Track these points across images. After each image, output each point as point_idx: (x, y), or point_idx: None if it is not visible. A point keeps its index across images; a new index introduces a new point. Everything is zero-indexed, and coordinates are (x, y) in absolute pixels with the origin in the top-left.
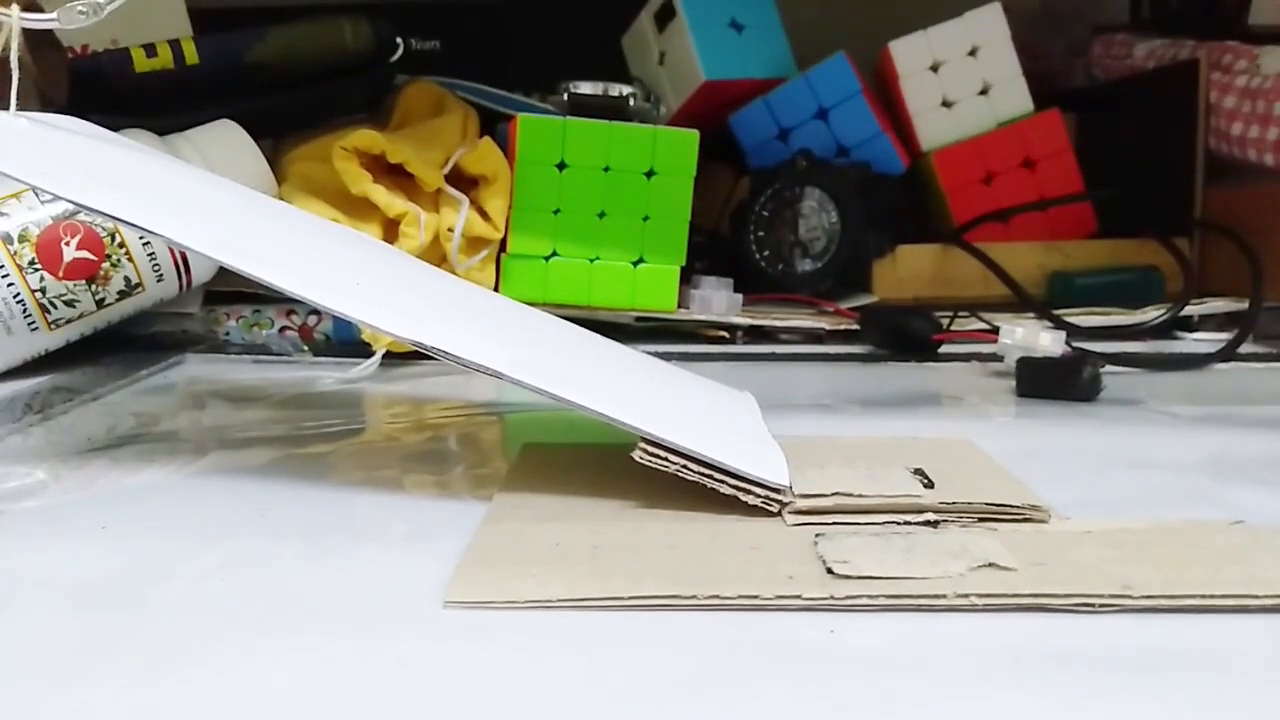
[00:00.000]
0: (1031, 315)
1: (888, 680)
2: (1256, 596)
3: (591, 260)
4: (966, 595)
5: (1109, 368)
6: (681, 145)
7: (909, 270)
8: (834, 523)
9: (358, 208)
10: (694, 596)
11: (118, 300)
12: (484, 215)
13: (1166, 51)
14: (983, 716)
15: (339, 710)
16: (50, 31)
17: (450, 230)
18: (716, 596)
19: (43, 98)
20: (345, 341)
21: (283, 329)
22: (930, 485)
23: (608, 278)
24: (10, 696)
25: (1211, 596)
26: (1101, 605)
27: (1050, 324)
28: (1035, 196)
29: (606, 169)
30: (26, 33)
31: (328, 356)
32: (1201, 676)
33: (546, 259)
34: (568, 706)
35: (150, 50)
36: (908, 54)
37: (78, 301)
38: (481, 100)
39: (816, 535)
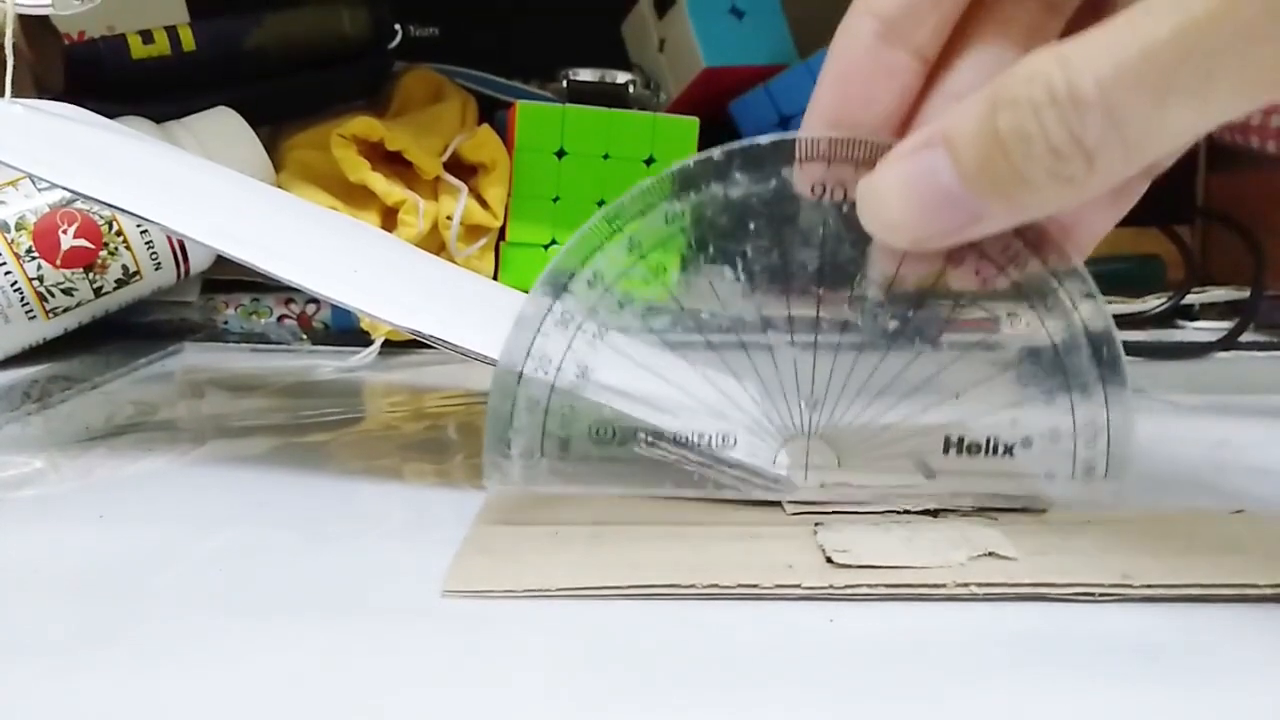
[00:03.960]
0: None
1: (887, 669)
2: (1257, 585)
3: None
4: (966, 585)
5: None
6: (681, 132)
7: None
8: (834, 511)
9: (356, 195)
10: (693, 585)
11: (115, 289)
12: (483, 203)
13: None
14: (983, 706)
15: (337, 698)
16: (46, 18)
17: (449, 218)
18: (715, 585)
19: (39, 84)
20: (344, 330)
21: (281, 317)
22: (931, 475)
23: None
24: (8, 684)
25: (1212, 586)
26: (1101, 595)
27: None
28: None
29: (606, 156)
30: (22, 19)
31: (326, 345)
32: (1202, 665)
33: (546, 247)
34: (566, 695)
35: (147, 37)
36: None
37: (75, 290)
38: (480, 87)
39: (816, 524)
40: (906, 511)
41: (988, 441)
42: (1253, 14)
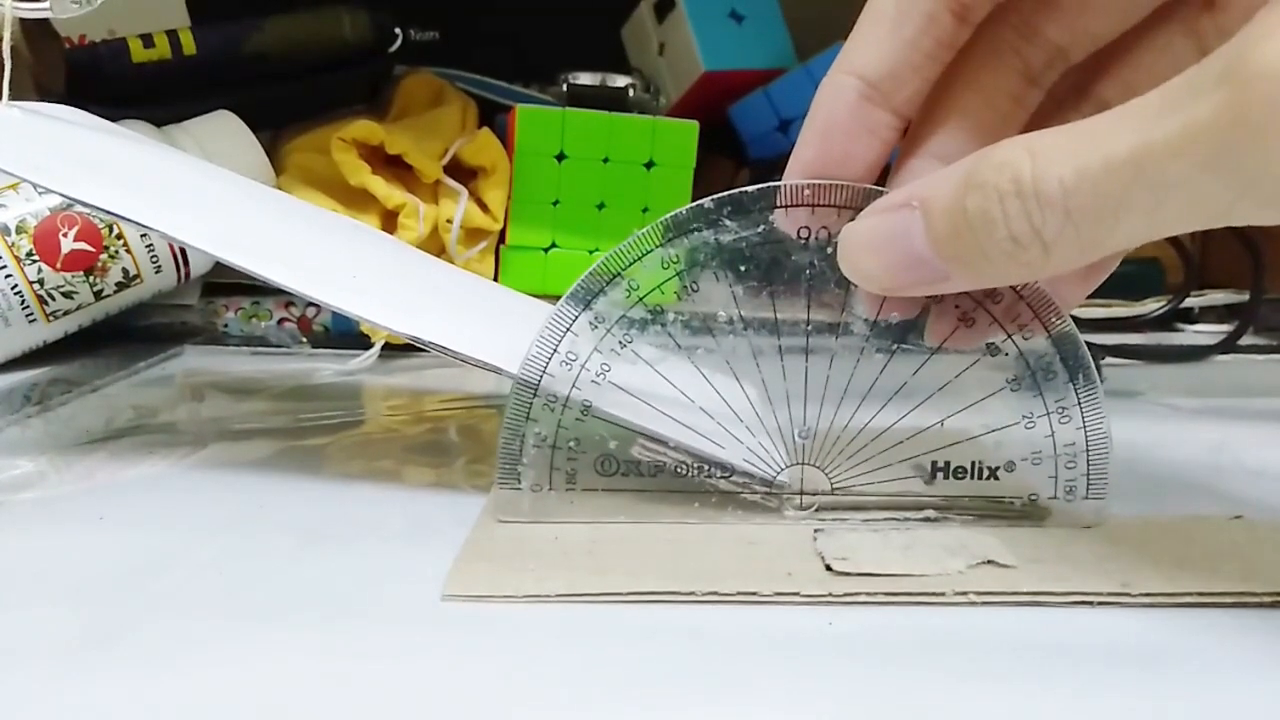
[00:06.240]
0: None
1: (886, 674)
2: (1255, 593)
3: (591, 252)
4: (965, 593)
5: (1109, 360)
6: (681, 136)
7: None
8: (833, 518)
9: (356, 199)
10: (692, 593)
11: (116, 292)
12: (483, 206)
13: None
14: (981, 712)
15: (336, 702)
16: (47, 21)
17: (449, 221)
18: (715, 593)
19: (40, 88)
20: (344, 333)
21: (281, 321)
22: (930, 480)
23: None
24: (9, 688)
25: (1210, 593)
26: (1099, 602)
27: None
28: None
29: (606, 160)
30: (22, 22)
31: (326, 348)
32: (1200, 673)
33: (545, 250)
34: (565, 700)
35: (148, 40)
36: None
37: (75, 293)
38: (480, 91)
39: (815, 530)
40: (906, 519)
41: (972, 465)
42: (1203, 155)
